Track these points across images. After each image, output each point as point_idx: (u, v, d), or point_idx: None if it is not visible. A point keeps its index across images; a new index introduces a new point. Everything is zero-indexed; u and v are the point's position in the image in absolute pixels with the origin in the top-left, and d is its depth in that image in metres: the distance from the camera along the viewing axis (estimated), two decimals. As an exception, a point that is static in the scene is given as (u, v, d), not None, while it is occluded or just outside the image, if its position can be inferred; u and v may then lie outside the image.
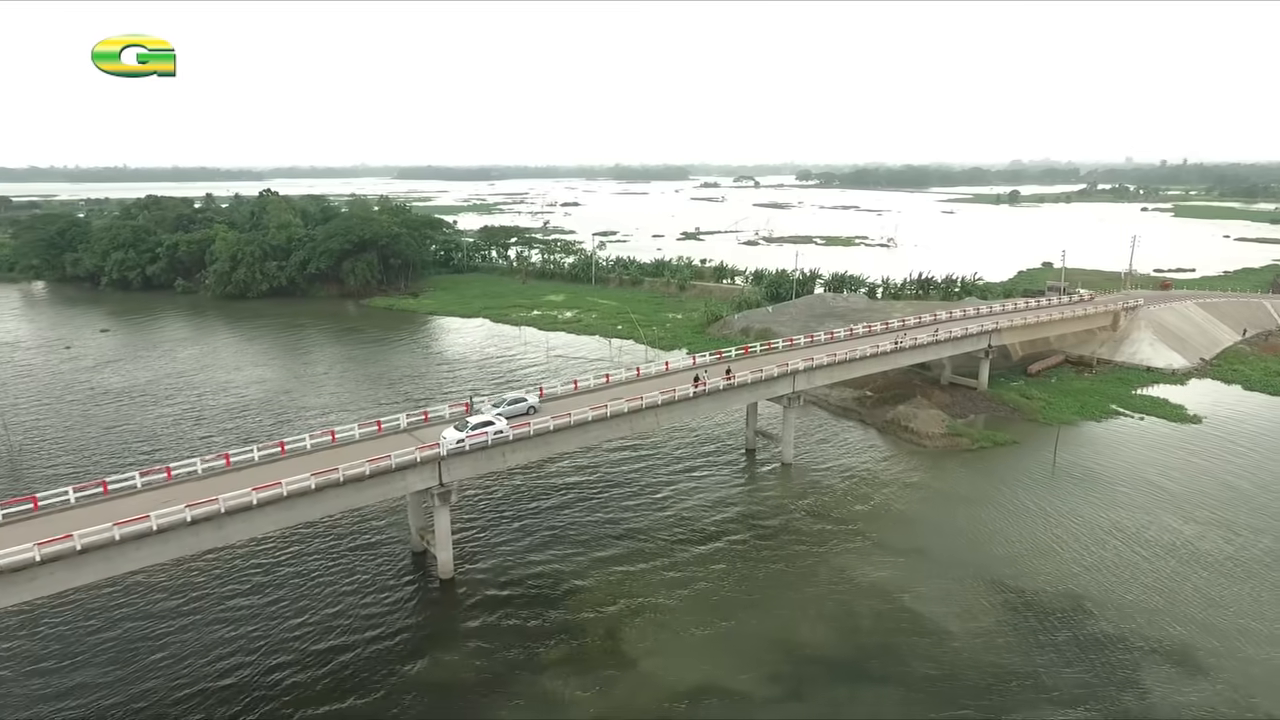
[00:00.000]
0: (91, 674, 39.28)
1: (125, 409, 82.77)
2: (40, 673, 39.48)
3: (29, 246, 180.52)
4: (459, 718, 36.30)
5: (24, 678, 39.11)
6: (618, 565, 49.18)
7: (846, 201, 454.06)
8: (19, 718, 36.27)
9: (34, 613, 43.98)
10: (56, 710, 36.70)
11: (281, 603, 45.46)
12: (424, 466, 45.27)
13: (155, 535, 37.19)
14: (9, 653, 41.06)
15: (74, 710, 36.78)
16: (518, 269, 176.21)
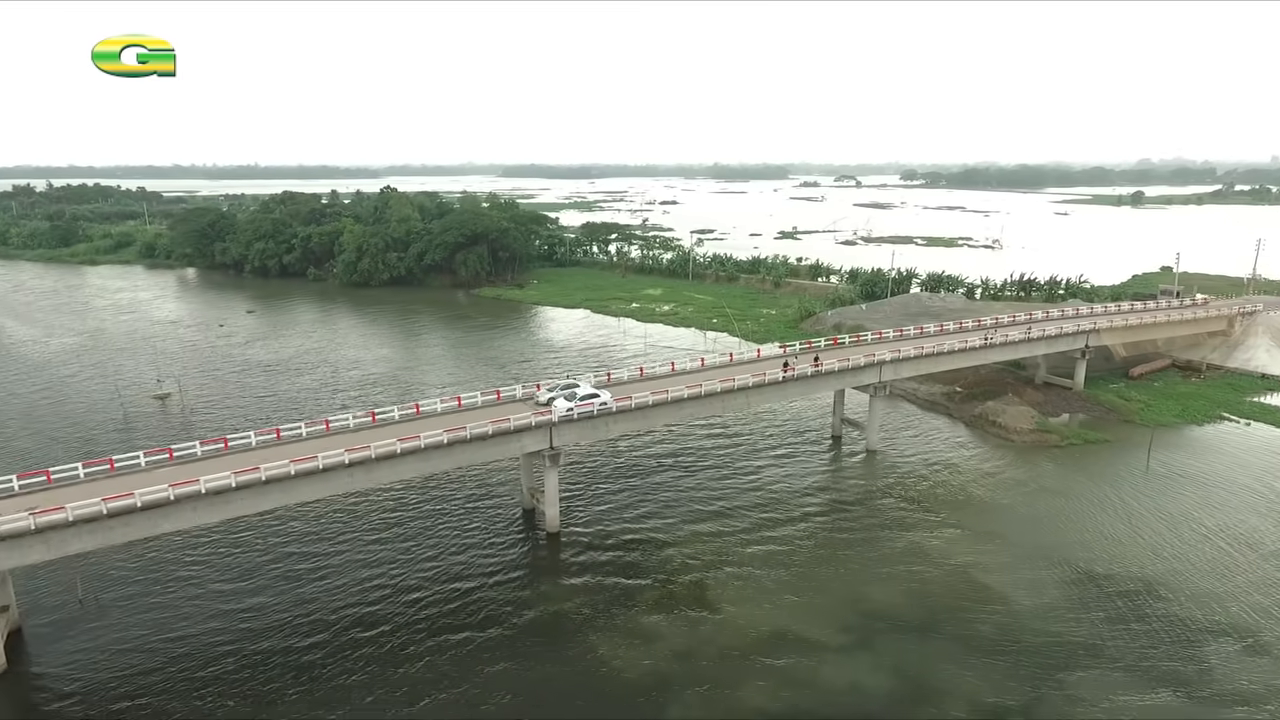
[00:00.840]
0: (265, 593, 46.92)
1: (272, 379, 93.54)
2: (225, 589, 47.46)
3: (184, 237, 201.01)
4: (567, 643, 41.72)
5: (212, 592, 47.17)
6: (707, 531, 53.68)
7: (952, 202, 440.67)
8: (210, 624, 44.07)
9: (220, 541, 52.56)
10: (238, 618, 44.34)
11: (414, 548, 52.18)
12: (538, 430, 51.24)
13: (320, 474, 44.50)
14: (202, 571, 49.41)
15: (252, 619, 44.34)
16: (617, 264, 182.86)
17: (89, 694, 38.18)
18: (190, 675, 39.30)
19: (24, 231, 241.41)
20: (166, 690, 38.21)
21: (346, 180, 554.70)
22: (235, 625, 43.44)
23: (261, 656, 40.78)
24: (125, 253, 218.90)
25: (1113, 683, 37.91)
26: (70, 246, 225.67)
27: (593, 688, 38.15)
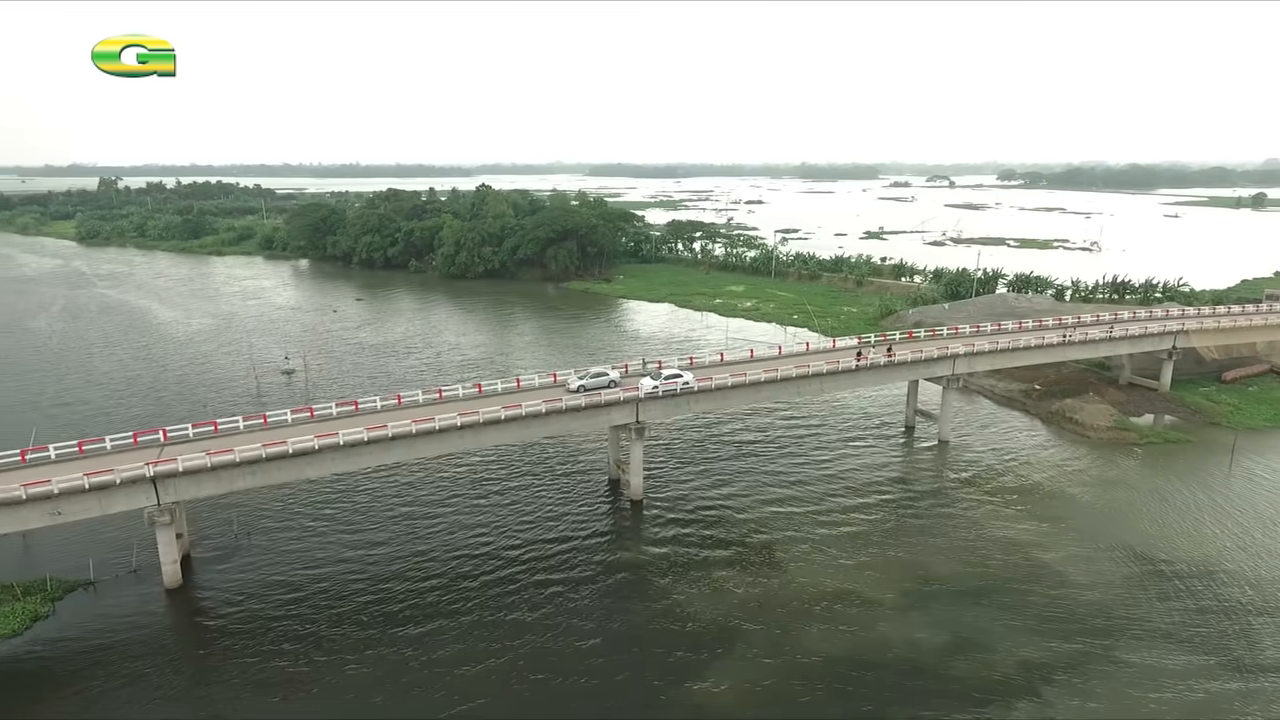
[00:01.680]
0: (386, 542, 53.49)
1: (381, 359, 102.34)
2: (352, 537, 54.37)
3: (299, 231, 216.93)
4: (647, 592, 46.59)
5: (341, 539, 54.16)
6: (780, 507, 57.54)
7: (1052, 203, 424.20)
8: (341, 564, 50.93)
9: (345, 498, 59.96)
10: (364, 560, 51.02)
11: (512, 510, 58.02)
12: (625, 406, 56.35)
13: (436, 434, 50.88)
14: (332, 522, 56.64)
15: (376, 561, 50.95)
16: (702, 261, 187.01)
17: (245, 609, 45.42)
18: (327, 600, 46.12)
19: (159, 224, 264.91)
20: (308, 611, 45.09)
21: (441, 178, 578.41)
22: (362, 565, 50.15)
23: (386, 590, 47.23)
24: (247, 244, 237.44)
25: (1159, 651, 40.03)
26: (199, 238, 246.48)
27: (670, 628, 42.88)
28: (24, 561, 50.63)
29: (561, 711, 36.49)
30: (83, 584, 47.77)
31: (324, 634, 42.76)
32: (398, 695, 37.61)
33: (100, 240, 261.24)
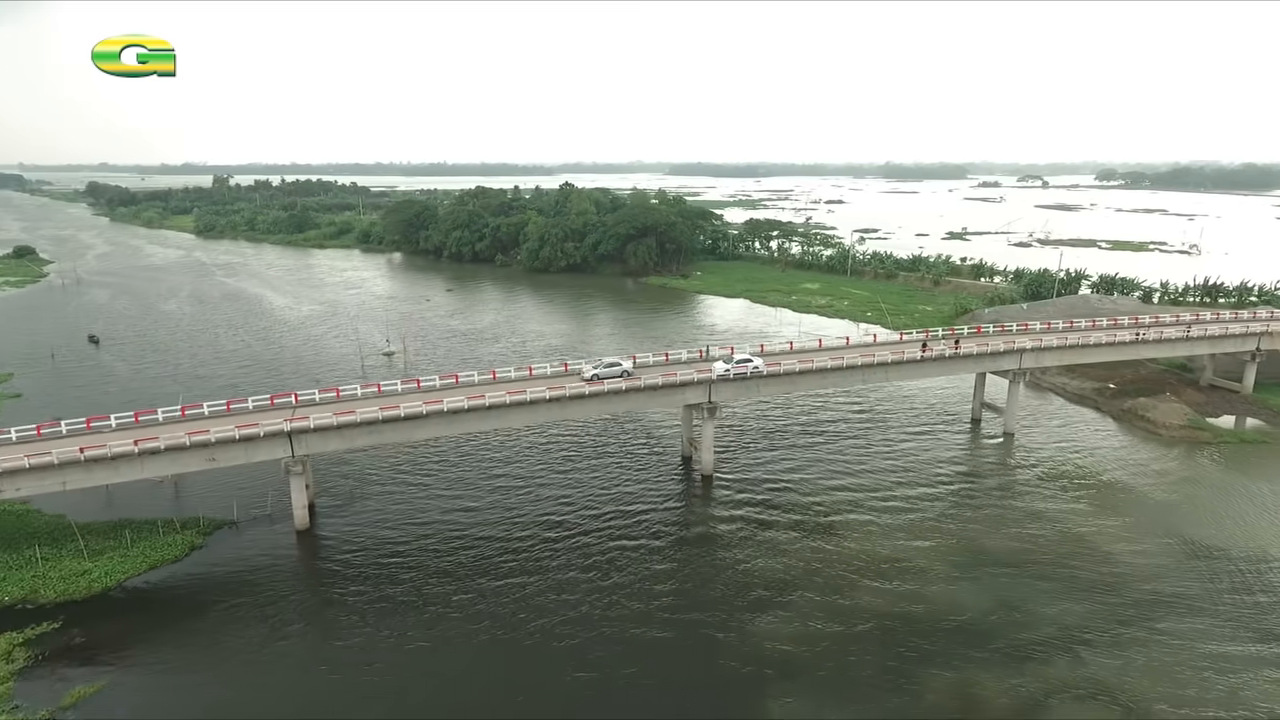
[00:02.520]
0: (481, 501, 59.59)
1: (472, 344, 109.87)
2: (451, 496, 60.74)
3: (393, 226, 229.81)
4: (715, 553, 51.05)
5: (442, 497, 60.62)
6: (843, 488, 60.93)
7: (1153, 204, 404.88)
8: (443, 518, 57.24)
9: (443, 465, 66.64)
10: (462, 516, 57.21)
11: (595, 479, 63.31)
12: (699, 386, 60.90)
13: (527, 405, 56.68)
14: (433, 485, 63.26)
15: (472, 517, 57.01)
16: (777, 259, 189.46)
17: (361, 551, 52.11)
18: (431, 548, 52.37)
19: (268, 219, 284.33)
20: (414, 556, 51.44)
21: (524, 177, 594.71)
22: (460, 523, 56.24)
23: (482, 544, 53.12)
24: (345, 239, 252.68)
25: (1201, 629, 41.96)
26: (303, 232, 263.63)
27: (734, 583, 47.25)
28: (175, 504, 58.96)
29: (637, 647, 41.26)
30: (228, 523, 55.60)
31: (429, 574, 48.94)
32: (496, 624, 43.25)
33: (215, 233, 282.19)
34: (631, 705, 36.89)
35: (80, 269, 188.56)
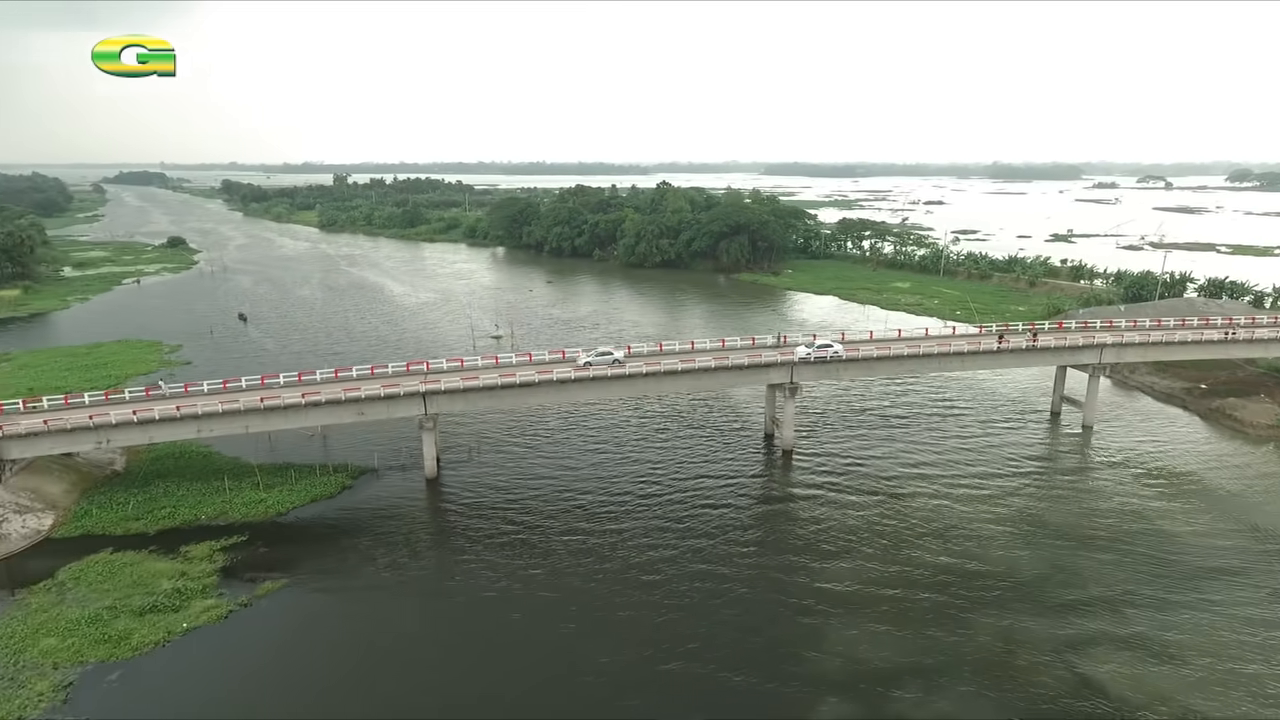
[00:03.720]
0: (583, 465, 66.88)
1: (571, 331, 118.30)
2: (554, 459, 68.42)
3: (498, 222, 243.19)
4: (793, 515, 56.62)
5: (546, 459, 68.27)
6: (916, 469, 64.99)
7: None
8: (549, 478, 64.82)
9: (549, 430, 74.64)
10: (566, 477, 64.64)
11: (685, 450, 69.54)
12: (782, 367, 66.43)
13: (626, 378, 63.75)
14: (540, 446, 71.19)
15: (575, 477, 64.35)
16: (869, 258, 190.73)
17: (480, 498, 60.26)
18: (539, 498, 60.03)
19: (383, 215, 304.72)
20: (525, 502, 59.20)
21: (621, 176, 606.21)
22: (564, 482, 63.62)
23: (584, 496, 60.38)
24: (453, 233, 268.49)
25: (1250, 598, 44.60)
26: (415, 227, 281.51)
27: (807, 538, 52.75)
28: (324, 453, 68.92)
29: (719, 585, 47.30)
30: (369, 470, 65.05)
31: (537, 519, 56.55)
32: (598, 561, 50.24)
33: (336, 228, 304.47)
34: (715, 628, 42.88)
35: (225, 258, 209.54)
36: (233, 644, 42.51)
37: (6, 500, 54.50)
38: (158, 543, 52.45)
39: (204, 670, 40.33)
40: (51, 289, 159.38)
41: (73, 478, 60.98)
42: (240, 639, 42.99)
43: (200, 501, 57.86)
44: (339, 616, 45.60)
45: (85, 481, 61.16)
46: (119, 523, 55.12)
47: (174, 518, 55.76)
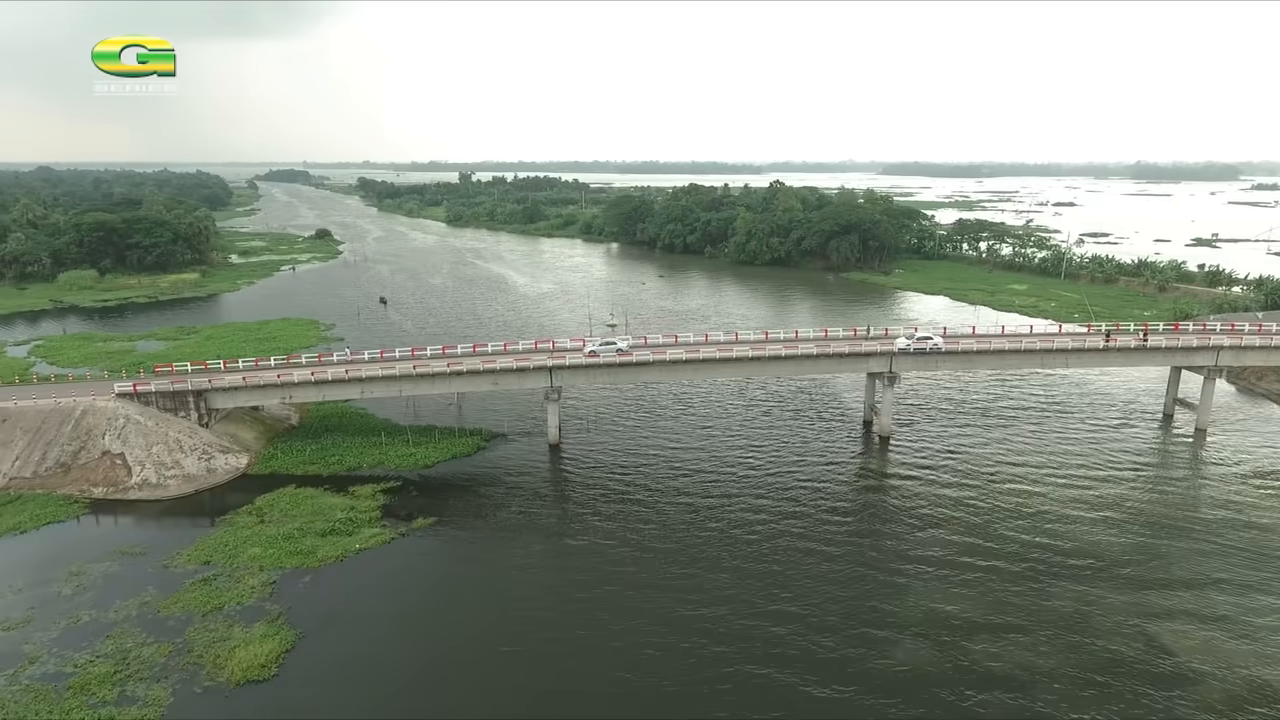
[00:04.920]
0: (690, 443, 72.52)
1: (681, 321, 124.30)
2: (663, 437, 74.45)
3: (613, 219, 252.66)
4: (887, 490, 60.38)
5: (655, 436, 74.39)
6: (1010, 453, 67.05)
7: None
8: (657, 449, 70.97)
9: (657, 410, 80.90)
10: (673, 454, 70.41)
11: (786, 434, 74.05)
12: (881, 357, 69.85)
13: (733, 361, 69.10)
14: (650, 423, 77.50)
15: (682, 454, 70.04)
16: (985, 260, 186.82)
17: (596, 464, 67.05)
18: (649, 468, 66.20)
19: (505, 211, 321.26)
20: (637, 472, 65.53)
21: (733, 175, 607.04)
22: (674, 453, 69.58)
23: (691, 469, 65.99)
24: (569, 230, 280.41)
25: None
26: (534, 223, 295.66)
27: (899, 514, 56.55)
28: (459, 418, 77.75)
29: (812, 550, 51.87)
30: (499, 435, 73.28)
31: (647, 484, 62.78)
32: (703, 522, 55.81)
33: (462, 222, 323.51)
34: (808, 583, 47.49)
35: (365, 249, 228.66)
36: (394, 563, 50.91)
37: (213, 442, 65.85)
38: (330, 483, 62.17)
39: (373, 579, 48.78)
40: (223, 273, 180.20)
41: (259, 428, 72.26)
42: (400, 560, 51.37)
43: (362, 452, 67.56)
44: (478, 547, 53.34)
45: (270, 431, 72.35)
46: (299, 465, 65.49)
47: (342, 464, 65.64)
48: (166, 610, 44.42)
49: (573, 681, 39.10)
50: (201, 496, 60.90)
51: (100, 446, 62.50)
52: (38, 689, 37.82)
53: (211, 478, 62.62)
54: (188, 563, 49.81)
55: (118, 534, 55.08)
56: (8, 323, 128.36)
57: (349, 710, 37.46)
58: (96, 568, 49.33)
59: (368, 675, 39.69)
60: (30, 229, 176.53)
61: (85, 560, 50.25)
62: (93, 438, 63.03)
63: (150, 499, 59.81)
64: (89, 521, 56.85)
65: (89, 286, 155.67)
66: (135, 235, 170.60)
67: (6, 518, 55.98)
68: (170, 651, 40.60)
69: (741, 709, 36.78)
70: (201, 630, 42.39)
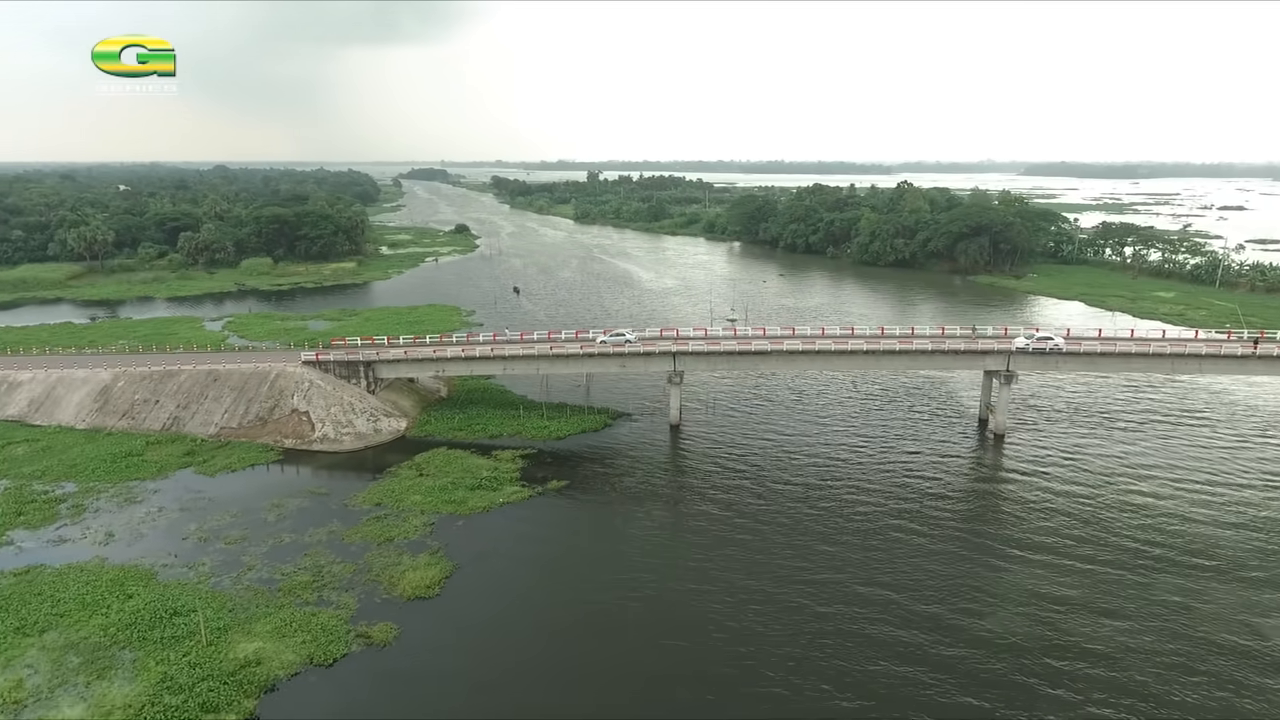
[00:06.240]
0: (803, 433, 75.88)
1: (800, 318, 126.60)
2: (777, 424, 78.22)
3: (736, 218, 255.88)
4: (995, 490, 61.79)
5: (769, 424, 78.23)
6: (1134, 466, 66.18)
7: None
8: (770, 441, 74.78)
9: (774, 401, 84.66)
10: (787, 441, 74.08)
11: (900, 426, 76.10)
12: (999, 355, 70.70)
13: (847, 354, 71.92)
14: (766, 412, 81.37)
15: (795, 442, 73.62)
16: (1130, 266, 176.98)
17: (714, 445, 71.64)
18: (763, 452, 70.18)
19: (630, 209, 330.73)
20: (752, 454, 69.66)
21: (861, 175, 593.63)
22: (788, 439, 73.28)
23: (804, 455, 69.54)
24: (692, 228, 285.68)
25: None
26: (658, 221, 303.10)
27: (1005, 507, 58.09)
28: (586, 398, 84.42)
29: (918, 535, 54.52)
30: (624, 414, 79.33)
31: (762, 466, 66.87)
32: (811, 504, 59.44)
33: (588, 220, 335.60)
34: (910, 563, 50.41)
35: (499, 243, 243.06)
36: (532, 515, 57.72)
37: (378, 407, 75.48)
38: (475, 447, 70.08)
39: (514, 527, 55.75)
40: (376, 263, 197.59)
41: (415, 397, 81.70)
42: (537, 513, 58.12)
43: (502, 423, 75.37)
44: (604, 509, 59.30)
45: (424, 401, 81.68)
46: (448, 431, 74.02)
47: (485, 431, 73.65)
48: (349, 539, 53.00)
49: (679, 623, 43.96)
50: (368, 452, 70.27)
51: (290, 405, 73.29)
52: (256, 589, 46.78)
53: (377, 437, 72.03)
54: (363, 503, 58.61)
55: (305, 477, 65.01)
56: (200, 302, 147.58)
57: (494, 623, 44.17)
58: (292, 502, 58.99)
59: (511, 600, 46.48)
60: (218, 220, 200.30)
61: (282, 495, 60.11)
62: (284, 397, 73.95)
63: (329, 451, 69.76)
64: (282, 466, 67.24)
65: (265, 272, 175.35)
66: (304, 228, 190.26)
67: (220, 459, 67.25)
68: (354, 570, 48.82)
69: (836, 657, 40.62)
70: (378, 556, 50.50)
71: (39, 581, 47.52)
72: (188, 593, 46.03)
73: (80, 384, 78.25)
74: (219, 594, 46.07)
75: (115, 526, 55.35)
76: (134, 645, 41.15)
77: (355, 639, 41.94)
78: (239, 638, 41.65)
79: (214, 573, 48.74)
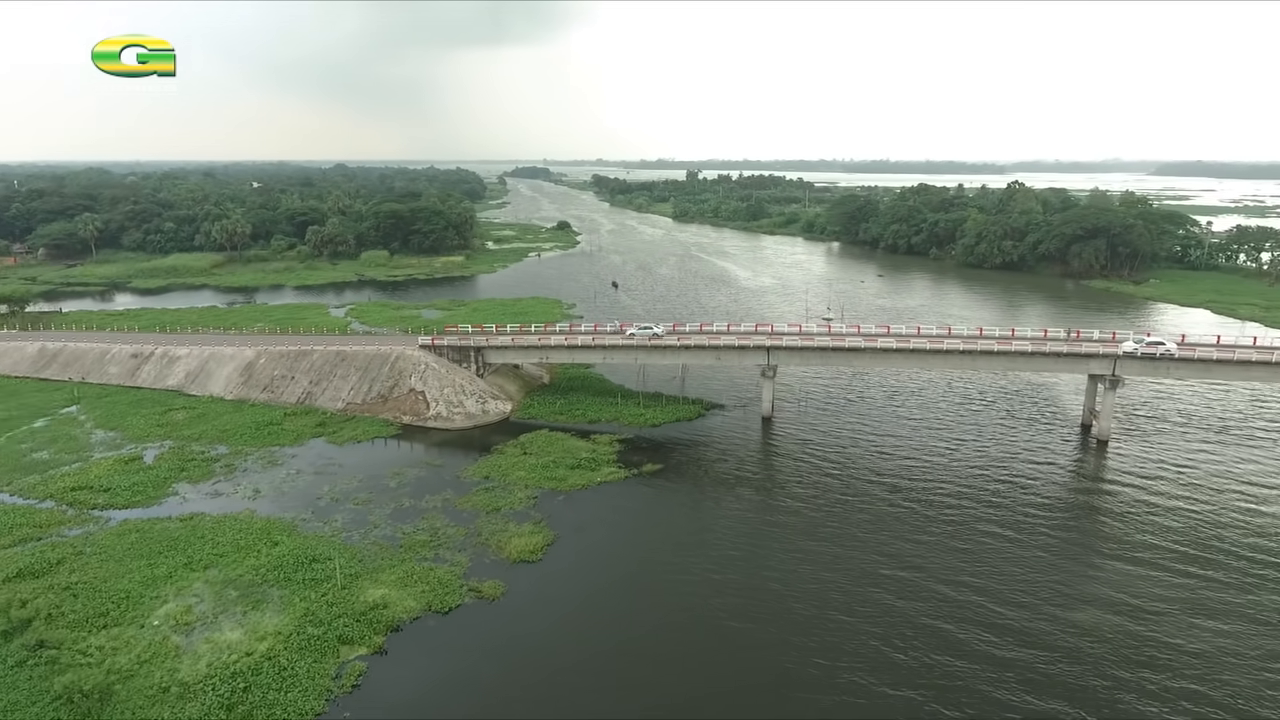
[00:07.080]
0: (897, 432, 76.14)
1: (897, 319, 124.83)
2: (869, 422, 78.72)
3: (836, 218, 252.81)
4: (1095, 499, 60.83)
5: (862, 420, 78.77)
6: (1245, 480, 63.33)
7: None
8: (861, 437, 75.50)
9: (869, 398, 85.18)
10: (879, 439, 74.59)
11: (996, 429, 75.38)
12: (1104, 359, 69.09)
13: (943, 353, 71.87)
14: (857, 408, 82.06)
15: (886, 438, 74.10)
16: (1267, 272, 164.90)
17: (805, 440, 73.07)
18: (854, 448, 71.12)
19: (729, 208, 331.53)
20: (842, 450, 70.79)
21: (972, 175, 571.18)
22: (879, 437, 73.88)
23: (895, 454, 70.07)
24: (791, 228, 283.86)
25: None
26: (757, 220, 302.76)
27: (1103, 515, 57.30)
28: (681, 388, 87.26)
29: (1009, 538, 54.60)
30: (717, 405, 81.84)
31: (852, 461, 68.01)
32: (901, 501, 60.29)
33: (687, 218, 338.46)
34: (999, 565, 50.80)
35: (599, 240, 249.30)
36: (628, 494, 61.21)
37: (486, 390, 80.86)
38: (574, 431, 74.18)
39: (611, 503, 59.41)
40: (482, 258, 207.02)
41: (519, 383, 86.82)
42: (632, 492, 61.57)
43: (600, 409, 79.29)
44: (696, 493, 62.11)
45: (527, 386, 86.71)
46: (550, 415, 78.54)
47: (584, 417, 77.73)
48: (461, 506, 57.96)
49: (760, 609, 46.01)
50: (475, 431, 75.56)
51: (408, 384, 79.61)
52: (381, 545, 52.12)
53: (484, 417, 77.32)
54: (473, 476, 63.63)
55: (420, 451, 70.79)
56: (324, 291, 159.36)
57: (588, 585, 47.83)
58: (410, 471, 64.68)
59: (606, 567, 50.18)
60: (340, 215, 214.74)
61: (402, 465, 65.96)
62: (403, 378, 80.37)
63: (442, 428, 75.52)
64: (400, 440, 73.35)
65: (382, 264, 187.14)
66: (418, 223, 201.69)
67: (347, 430, 74.08)
68: (466, 534, 53.56)
69: (913, 650, 41.87)
70: (487, 522, 55.12)
71: (201, 527, 54.51)
72: (324, 544, 51.82)
73: (228, 360, 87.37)
74: (350, 546, 51.64)
75: (261, 484, 62.40)
76: (280, 584, 46.98)
77: (468, 592, 46.42)
78: (368, 584, 46.85)
79: (345, 528, 54.53)
